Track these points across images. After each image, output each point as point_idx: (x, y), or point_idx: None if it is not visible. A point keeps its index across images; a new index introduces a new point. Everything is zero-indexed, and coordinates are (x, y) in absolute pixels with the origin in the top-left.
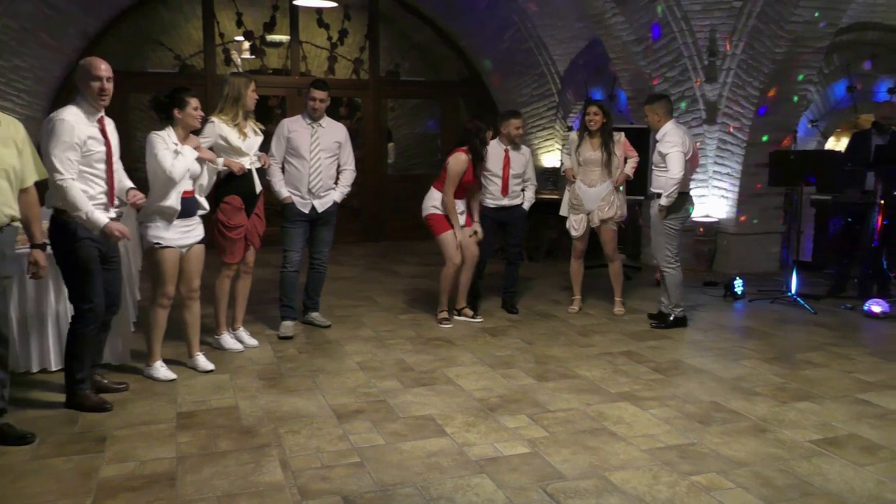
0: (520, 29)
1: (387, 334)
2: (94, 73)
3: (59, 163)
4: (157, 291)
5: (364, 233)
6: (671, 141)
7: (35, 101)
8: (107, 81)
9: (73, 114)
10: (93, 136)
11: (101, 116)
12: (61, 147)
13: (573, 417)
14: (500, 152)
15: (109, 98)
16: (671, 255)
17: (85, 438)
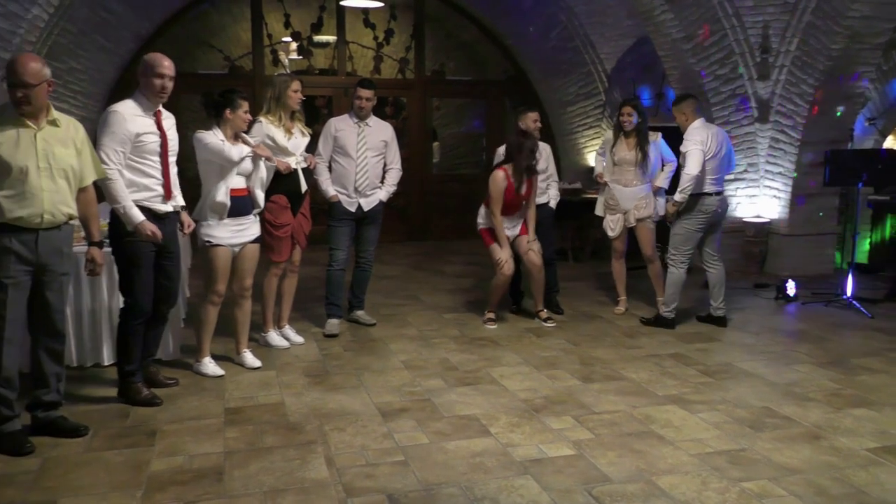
0: (566, 27)
1: (431, 333)
2: (157, 70)
3: (106, 153)
4: (209, 289)
5: (409, 232)
6: (692, 139)
7: (90, 102)
8: (168, 80)
9: (128, 107)
10: (147, 128)
11: (157, 110)
12: (110, 138)
13: (619, 420)
14: None
15: (167, 96)
16: (679, 255)
17: (136, 432)
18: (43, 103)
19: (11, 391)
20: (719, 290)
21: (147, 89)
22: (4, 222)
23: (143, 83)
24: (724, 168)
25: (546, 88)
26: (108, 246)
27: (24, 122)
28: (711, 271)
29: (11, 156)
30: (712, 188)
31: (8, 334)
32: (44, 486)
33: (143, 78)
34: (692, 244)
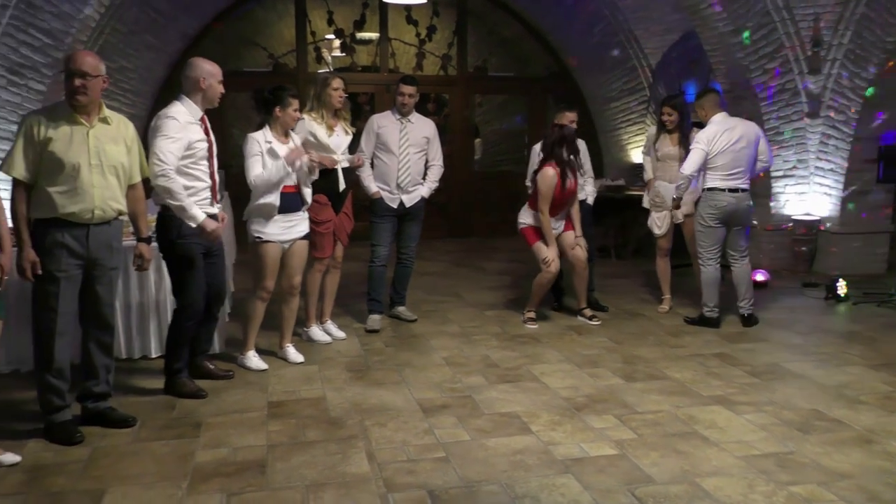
0: (610, 22)
1: (473, 330)
2: (220, 76)
3: (163, 155)
4: (258, 285)
5: (450, 229)
6: (699, 138)
7: (139, 100)
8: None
9: (182, 113)
10: (198, 135)
11: (202, 115)
12: (168, 141)
13: (662, 420)
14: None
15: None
16: (705, 252)
17: (182, 424)
18: (97, 99)
19: (63, 382)
20: (744, 288)
21: (208, 94)
22: (57, 217)
23: (199, 88)
24: (747, 164)
25: (589, 84)
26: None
27: (77, 119)
28: (734, 268)
29: (64, 153)
30: (723, 183)
31: (60, 327)
32: (93, 475)
33: (204, 83)
34: (713, 241)
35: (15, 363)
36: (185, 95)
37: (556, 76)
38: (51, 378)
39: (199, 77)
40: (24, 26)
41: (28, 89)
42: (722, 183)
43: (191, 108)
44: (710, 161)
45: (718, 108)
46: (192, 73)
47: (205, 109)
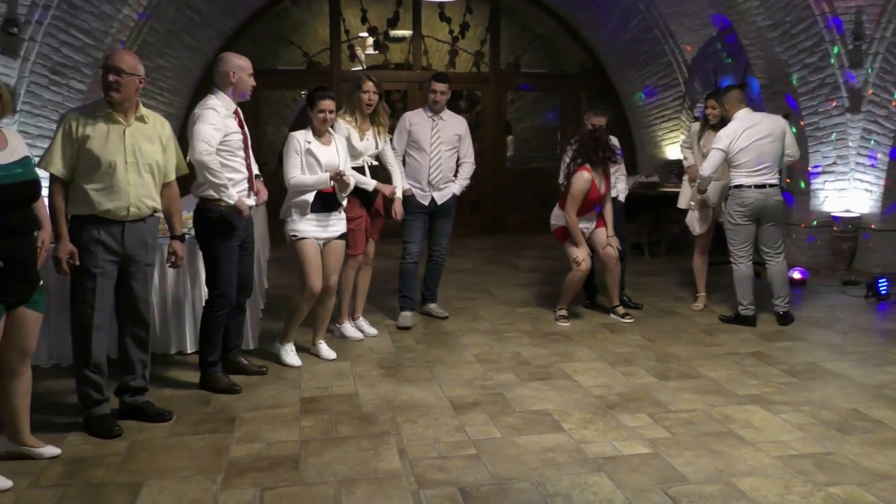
0: (645, 17)
1: (504, 327)
2: (250, 69)
3: (205, 136)
4: (304, 285)
5: (482, 226)
6: (719, 136)
7: (176, 98)
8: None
9: (218, 105)
10: (233, 127)
11: (236, 108)
12: (209, 126)
13: (697, 419)
14: None
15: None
16: (735, 249)
17: (217, 418)
18: (132, 97)
19: (101, 376)
20: (780, 285)
21: (238, 87)
22: (93, 214)
23: (230, 82)
24: (773, 159)
25: (623, 80)
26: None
27: (115, 117)
28: (769, 265)
29: (101, 151)
30: (749, 180)
31: (96, 322)
32: (131, 468)
33: (235, 77)
34: (742, 238)
35: (55, 358)
36: (217, 89)
37: (590, 72)
38: (89, 372)
39: (229, 71)
40: (65, 26)
41: (69, 88)
42: (747, 179)
43: (224, 101)
44: (734, 158)
45: (742, 104)
46: (223, 68)
47: (238, 102)
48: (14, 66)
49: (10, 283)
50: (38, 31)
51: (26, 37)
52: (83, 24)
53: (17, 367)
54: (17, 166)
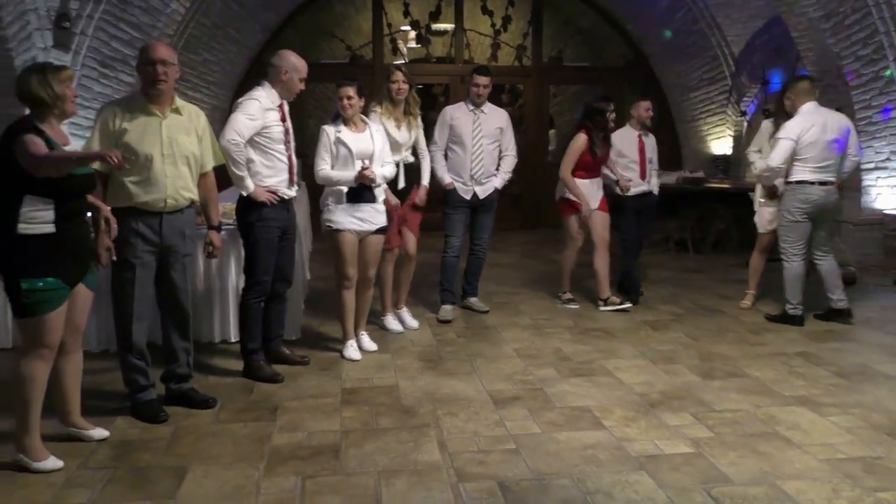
0: (691, 9)
1: (545, 322)
2: (303, 72)
3: (238, 125)
4: (339, 274)
5: (523, 220)
6: (788, 128)
7: (221, 91)
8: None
9: (262, 96)
10: (275, 120)
11: (281, 102)
12: (245, 118)
13: (741, 419)
14: (633, 137)
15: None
16: (789, 247)
17: (259, 407)
18: (171, 89)
19: (144, 363)
20: (834, 280)
21: (288, 85)
22: (132, 206)
23: (280, 79)
24: (836, 156)
25: (667, 73)
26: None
27: (151, 110)
28: (821, 264)
29: (138, 143)
30: (813, 176)
31: (137, 311)
32: (176, 453)
33: (286, 76)
34: (799, 236)
35: (105, 343)
36: (267, 82)
37: (633, 65)
38: (132, 359)
39: (282, 68)
40: (114, 21)
41: (118, 81)
42: (812, 175)
43: (270, 94)
44: (800, 152)
45: (809, 96)
46: (278, 63)
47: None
48: (66, 60)
49: (72, 264)
50: (88, 25)
51: (78, 31)
52: (132, 19)
53: (70, 345)
54: None
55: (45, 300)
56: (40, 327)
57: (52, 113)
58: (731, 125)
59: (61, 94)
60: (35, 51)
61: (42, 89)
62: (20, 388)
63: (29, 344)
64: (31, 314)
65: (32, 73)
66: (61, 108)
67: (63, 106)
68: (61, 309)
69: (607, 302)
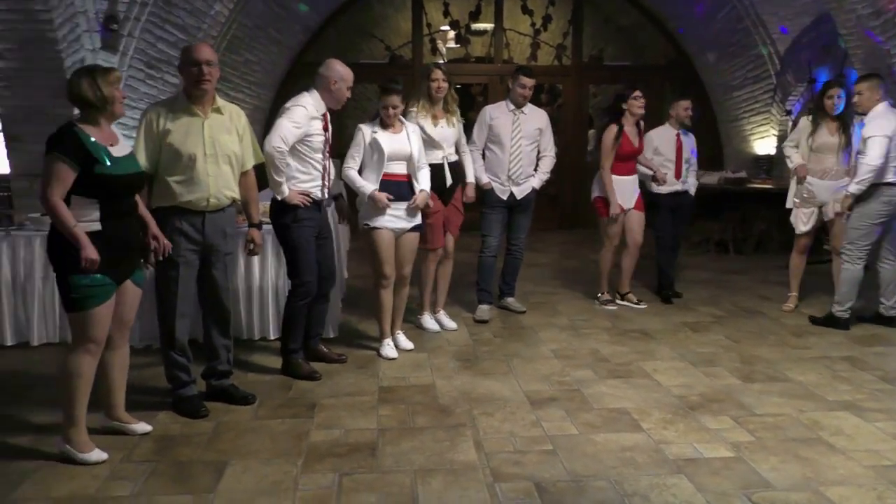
0: (735, 7)
1: (582, 323)
2: (350, 81)
3: (283, 131)
4: (377, 273)
5: (561, 220)
6: (878, 124)
7: (263, 92)
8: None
9: (310, 104)
10: (317, 129)
11: (325, 112)
12: (291, 124)
13: (783, 424)
14: (671, 135)
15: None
16: (857, 250)
17: (297, 404)
18: (213, 89)
19: (186, 359)
20: (894, 288)
21: (335, 95)
22: (175, 205)
23: (329, 88)
24: None
25: (710, 72)
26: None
27: (194, 110)
28: (886, 267)
29: (181, 144)
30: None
31: (180, 309)
32: (217, 448)
33: (335, 86)
34: (871, 239)
35: (148, 339)
36: (314, 90)
37: (675, 64)
38: (175, 355)
39: (332, 78)
40: (160, 23)
41: (164, 82)
42: (894, 177)
43: (317, 102)
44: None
45: (880, 94)
46: (326, 73)
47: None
48: (114, 61)
49: (119, 261)
50: (135, 27)
51: (125, 33)
52: (177, 21)
53: (116, 339)
54: (131, 158)
55: (92, 295)
56: (87, 322)
57: (102, 114)
58: (776, 124)
59: (110, 96)
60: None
61: (91, 92)
62: (67, 382)
63: (76, 338)
64: (79, 309)
65: (82, 76)
66: (110, 110)
67: (112, 108)
68: (108, 304)
69: (625, 297)
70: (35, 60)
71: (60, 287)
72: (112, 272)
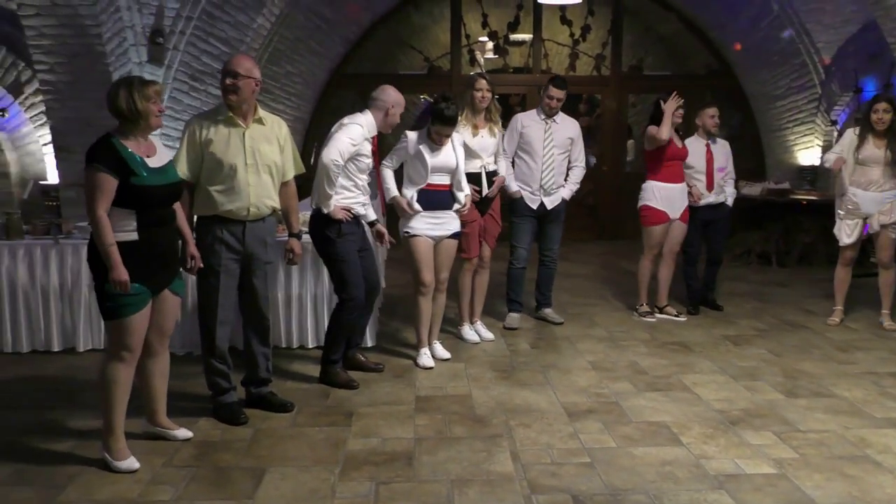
0: (779, 16)
1: (620, 335)
2: (403, 106)
3: (341, 146)
4: (416, 280)
5: (599, 231)
6: None
7: (303, 103)
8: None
9: (364, 123)
10: (366, 151)
11: (376, 134)
12: (349, 142)
13: (828, 440)
14: (700, 146)
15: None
16: None
17: (335, 412)
18: (249, 100)
19: (226, 366)
20: None
21: (387, 120)
22: (217, 215)
23: (385, 113)
24: None
25: (753, 82)
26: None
27: (235, 121)
28: None
29: (223, 154)
30: None
31: (220, 317)
32: (255, 455)
33: (391, 110)
34: None
35: (189, 347)
36: (369, 112)
37: (716, 74)
38: (215, 362)
39: (388, 104)
40: (204, 36)
41: (207, 94)
42: None
43: (370, 125)
44: None
45: None
46: (383, 97)
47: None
48: (159, 74)
49: (156, 270)
50: (180, 40)
51: (170, 46)
52: (221, 34)
53: (156, 347)
54: (169, 168)
55: (128, 304)
56: (122, 330)
57: (136, 126)
58: (820, 135)
59: (143, 111)
60: (131, 65)
61: (126, 105)
62: (103, 389)
63: (112, 346)
64: (115, 317)
65: (120, 88)
66: (145, 124)
67: (146, 122)
68: (143, 313)
69: (663, 310)
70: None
71: (98, 295)
72: (148, 282)
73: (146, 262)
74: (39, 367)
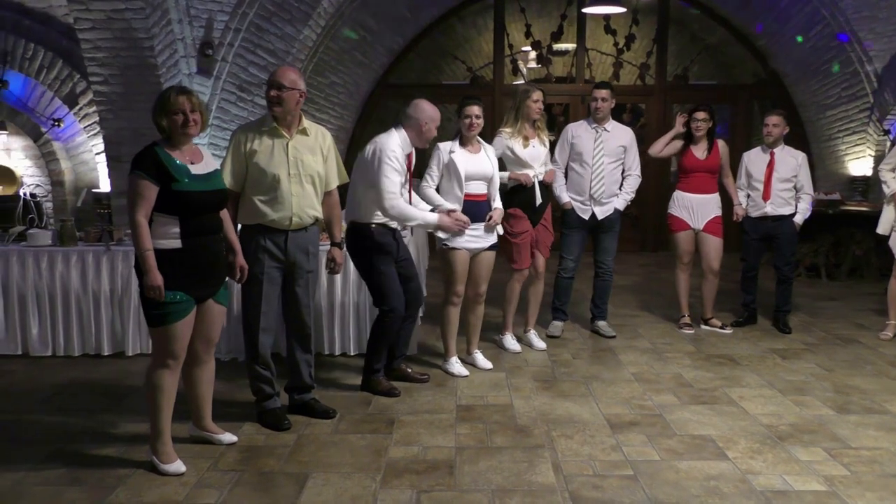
0: (829, 24)
1: (665, 347)
2: (438, 121)
3: (391, 184)
4: (448, 290)
5: (643, 241)
6: None
7: (346, 113)
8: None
9: (399, 144)
10: (403, 166)
11: (411, 150)
12: (394, 174)
13: (881, 458)
14: (761, 156)
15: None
16: None
17: (377, 420)
18: (293, 111)
19: (270, 372)
20: None
21: (423, 135)
22: (260, 224)
23: (419, 130)
24: None
25: (802, 91)
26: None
27: (279, 131)
28: None
29: (267, 164)
30: None
31: (263, 324)
32: (298, 460)
33: (423, 126)
34: None
35: (234, 352)
36: (402, 128)
37: (764, 83)
38: (259, 368)
39: (422, 121)
40: (252, 47)
41: (254, 104)
42: None
43: (405, 142)
44: None
45: None
46: (416, 115)
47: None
48: (208, 85)
49: (200, 279)
50: (229, 52)
51: (219, 58)
52: (268, 45)
53: (202, 356)
54: (214, 176)
55: (172, 312)
56: (165, 337)
57: (172, 136)
58: (872, 145)
59: (166, 126)
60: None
61: (155, 119)
62: (149, 395)
63: (156, 352)
64: (159, 324)
65: (158, 100)
66: (176, 135)
67: (175, 134)
68: (186, 321)
69: (708, 322)
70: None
71: (143, 302)
72: (191, 290)
73: (189, 270)
74: (90, 371)
